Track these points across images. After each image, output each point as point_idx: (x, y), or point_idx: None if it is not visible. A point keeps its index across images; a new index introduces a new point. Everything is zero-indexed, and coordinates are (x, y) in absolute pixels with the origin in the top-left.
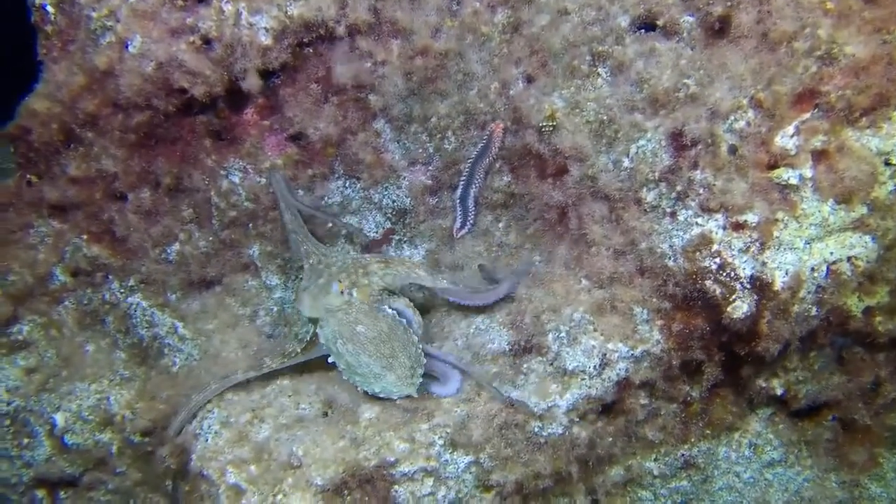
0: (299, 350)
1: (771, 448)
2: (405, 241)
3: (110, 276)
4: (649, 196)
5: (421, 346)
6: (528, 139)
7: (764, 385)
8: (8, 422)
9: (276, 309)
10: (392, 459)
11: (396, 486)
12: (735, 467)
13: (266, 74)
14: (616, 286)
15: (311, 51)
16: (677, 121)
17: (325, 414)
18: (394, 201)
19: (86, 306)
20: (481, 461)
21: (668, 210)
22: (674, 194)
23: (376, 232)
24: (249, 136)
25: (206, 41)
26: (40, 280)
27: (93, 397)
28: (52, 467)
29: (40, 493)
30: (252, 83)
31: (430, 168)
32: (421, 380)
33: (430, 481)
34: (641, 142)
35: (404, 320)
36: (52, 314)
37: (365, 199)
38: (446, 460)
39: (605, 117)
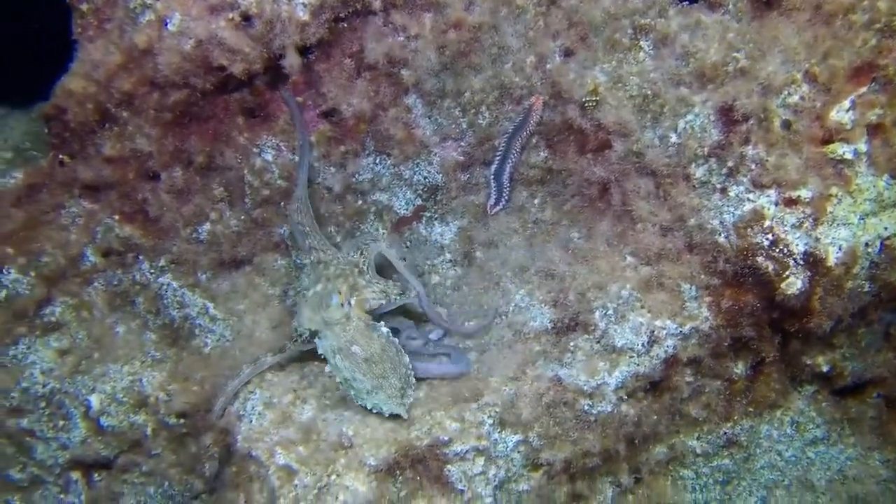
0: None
1: (813, 426)
2: (436, 219)
3: (141, 257)
4: (698, 172)
5: (411, 369)
6: (568, 114)
7: (809, 362)
8: (43, 404)
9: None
10: (445, 439)
11: (449, 466)
12: (777, 445)
13: (302, 50)
14: (663, 263)
15: (345, 25)
16: (727, 95)
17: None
18: (425, 177)
19: (116, 287)
20: (530, 440)
21: (719, 186)
22: (724, 170)
23: (406, 209)
24: (283, 112)
25: (246, 18)
26: (72, 261)
27: (126, 379)
28: (88, 449)
29: (75, 474)
30: (292, 60)
31: (462, 144)
32: (411, 401)
33: (481, 460)
34: (689, 116)
35: (397, 340)
36: (83, 295)
37: (395, 175)
38: (496, 439)
39: (649, 92)
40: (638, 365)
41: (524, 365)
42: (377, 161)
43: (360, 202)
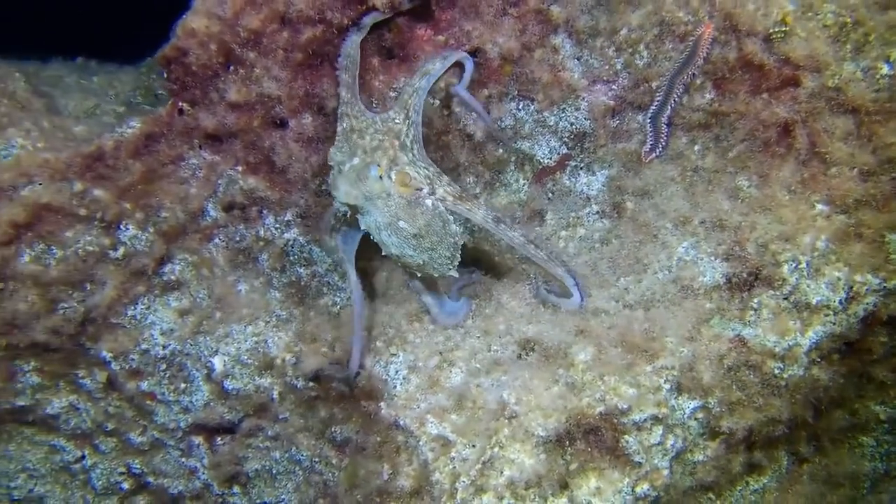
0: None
1: None
2: (582, 168)
3: (265, 211)
4: None
5: (457, 236)
6: (747, 48)
7: None
8: (164, 366)
9: None
10: (625, 406)
11: (626, 436)
12: None
13: None
14: (864, 211)
15: None
16: None
17: (519, 357)
18: (571, 124)
19: (238, 243)
20: (710, 406)
21: None
22: None
23: (550, 158)
24: (424, 52)
25: None
26: (192, 216)
27: (250, 340)
28: (211, 413)
29: (197, 438)
30: None
31: (613, 87)
32: (459, 261)
33: (659, 429)
34: None
35: (441, 207)
36: (203, 252)
37: (538, 122)
38: (673, 406)
39: (847, 20)
40: (834, 324)
41: (699, 324)
42: (519, 106)
43: (500, 151)
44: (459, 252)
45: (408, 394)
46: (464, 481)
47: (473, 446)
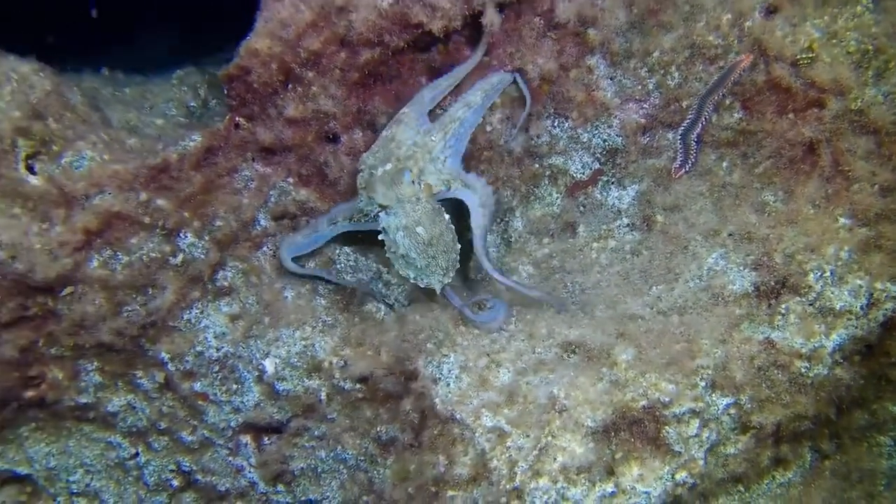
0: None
1: None
2: (613, 182)
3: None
4: None
5: (458, 254)
6: (776, 72)
7: None
8: (217, 368)
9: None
10: (667, 400)
11: (667, 427)
12: None
13: (500, 7)
14: (883, 224)
15: None
16: None
17: (562, 358)
18: (604, 140)
19: None
20: (742, 402)
21: None
22: None
23: (583, 173)
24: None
25: None
26: (244, 225)
27: (299, 343)
28: (261, 413)
29: (245, 437)
30: (492, 18)
31: (644, 106)
32: (450, 280)
33: (696, 422)
34: None
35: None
36: (252, 260)
37: (572, 138)
38: (708, 401)
39: (870, 47)
40: (856, 328)
41: (730, 328)
42: (555, 124)
43: (536, 165)
44: (454, 271)
45: (461, 391)
46: (522, 466)
47: (528, 436)
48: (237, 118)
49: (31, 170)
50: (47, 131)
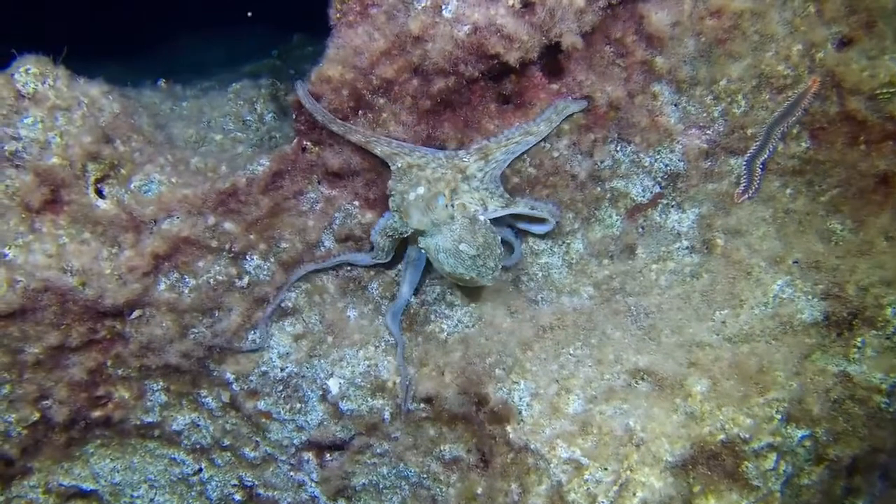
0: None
1: None
2: (673, 206)
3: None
4: None
5: (500, 246)
6: (850, 105)
7: None
8: (281, 387)
9: (540, 274)
10: (747, 436)
11: (747, 462)
12: None
13: None
14: None
15: (610, 11)
16: None
17: (629, 385)
18: (666, 165)
19: (349, 272)
20: (818, 435)
21: None
22: None
23: (644, 196)
24: (539, 100)
25: (525, 4)
26: (309, 247)
27: (363, 363)
28: (325, 432)
29: (308, 454)
30: (569, 46)
31: (708, 132)
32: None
33: (773, 456)
34: None
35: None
36: (316, 280)
37: (634, 162)
38: (785, 434)
39: None
40: None
41: (803, 358)
42: (618, 148)
43: (598, 189)
44: (500, 268)
45: (533, 420)
46: (602, 501)
47: (606, 469)
48: (305, 142)
49: (100, 193)
50: (116, 155)
